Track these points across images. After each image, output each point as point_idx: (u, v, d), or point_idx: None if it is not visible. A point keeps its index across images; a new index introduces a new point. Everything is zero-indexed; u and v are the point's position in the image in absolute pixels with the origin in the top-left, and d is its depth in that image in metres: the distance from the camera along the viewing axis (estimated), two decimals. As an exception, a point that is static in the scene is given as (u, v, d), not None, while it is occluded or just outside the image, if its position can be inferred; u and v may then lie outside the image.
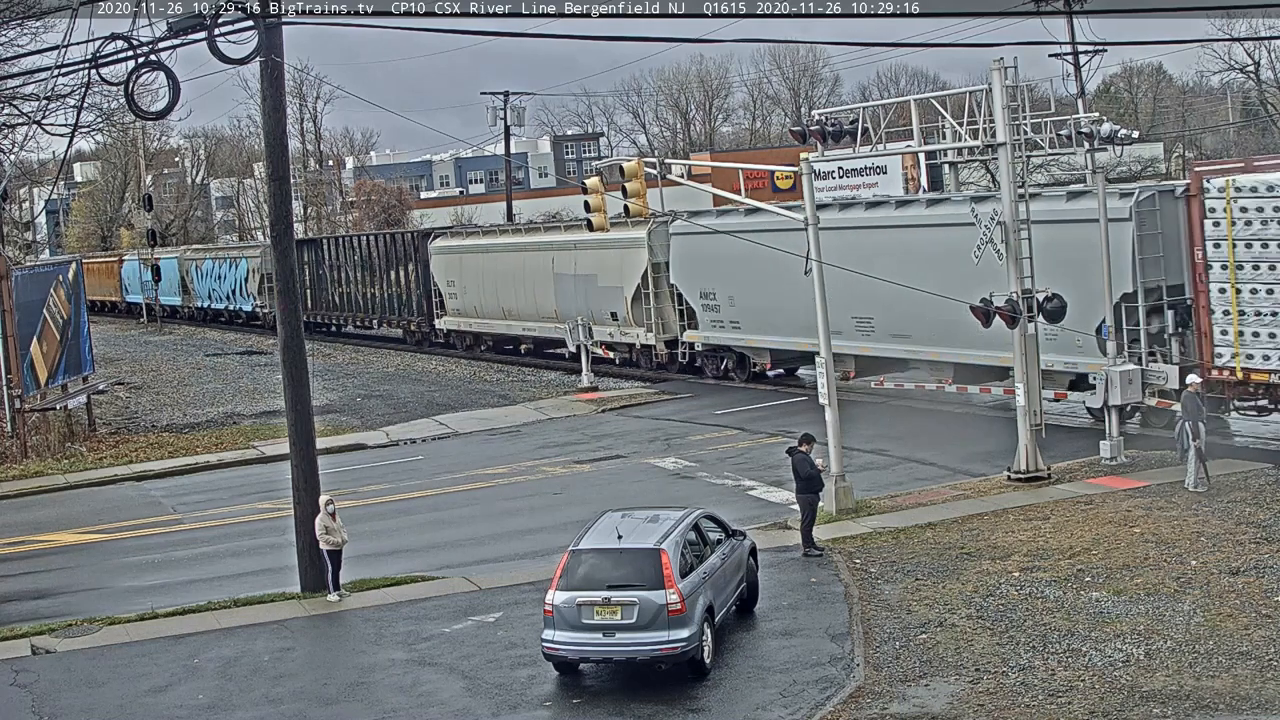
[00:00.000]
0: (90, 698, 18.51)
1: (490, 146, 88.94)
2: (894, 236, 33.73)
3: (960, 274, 28.25)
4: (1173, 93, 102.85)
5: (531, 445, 35.00)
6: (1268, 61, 76.75)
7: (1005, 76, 25.86)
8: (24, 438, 37.66)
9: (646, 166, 28.00)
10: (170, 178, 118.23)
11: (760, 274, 36.42)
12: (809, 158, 26.37)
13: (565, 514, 25.93)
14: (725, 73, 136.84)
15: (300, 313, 23.74)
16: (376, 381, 49.17)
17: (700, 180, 56.25)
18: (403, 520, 27.95)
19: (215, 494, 32.18)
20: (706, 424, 35.60)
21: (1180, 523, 22.23)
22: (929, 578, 20.54)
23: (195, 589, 23.60)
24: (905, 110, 28.99)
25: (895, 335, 34.06)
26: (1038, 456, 26.19)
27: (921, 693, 16.29)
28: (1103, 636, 17.49)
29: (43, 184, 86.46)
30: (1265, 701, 15.21)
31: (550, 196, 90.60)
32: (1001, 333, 26.54)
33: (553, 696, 17.27)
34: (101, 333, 71.91)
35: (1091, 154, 28.73)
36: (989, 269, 26.43)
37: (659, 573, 17.10)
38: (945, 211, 33.16)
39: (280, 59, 22.27)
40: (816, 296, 25.74)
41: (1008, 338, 26.45)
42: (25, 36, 38.60)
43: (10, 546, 28.37)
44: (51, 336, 40.68)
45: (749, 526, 22.59)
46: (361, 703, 17.56)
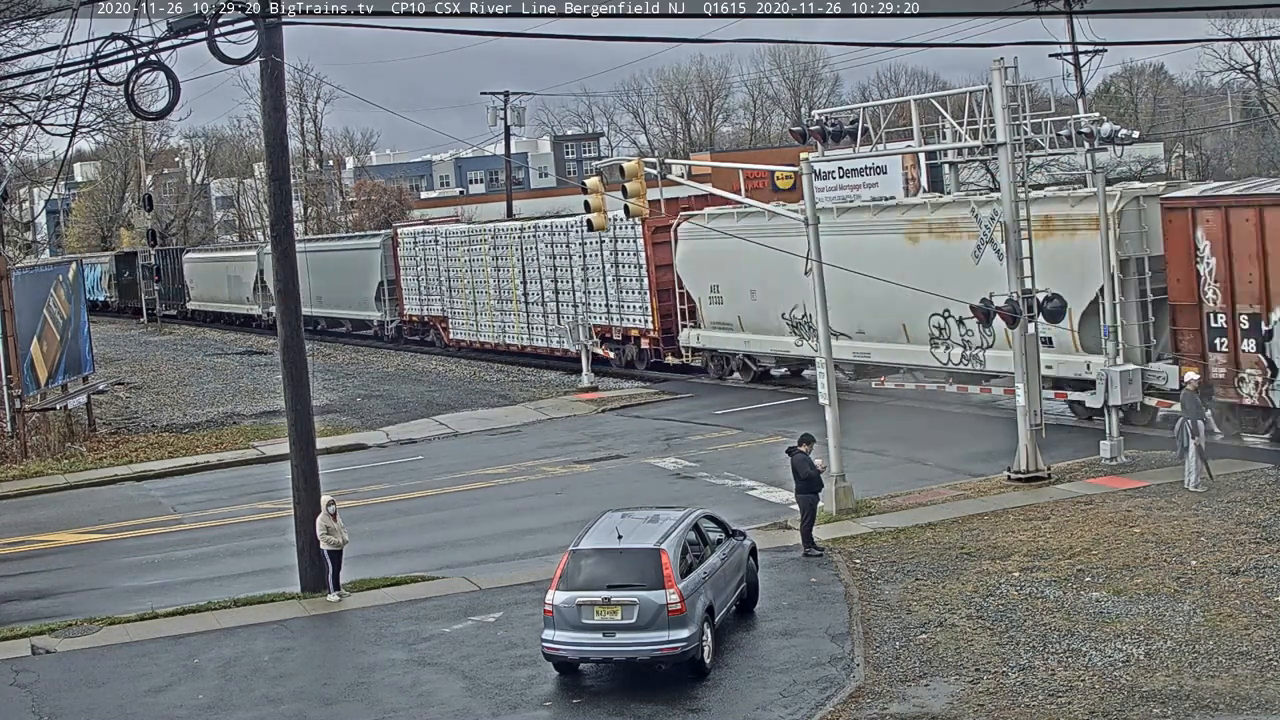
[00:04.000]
0: (90, 698, 18.52)
1: (490, 146, 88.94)
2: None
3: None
4: (1173, 93, 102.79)
5: (531, 445, 35.00)
6: (1268, 61, 76.73)
7: (1005, 76, 25.86)
8: (24, 438, 37.66)
9: (646, 166, 28.01)
10: (170, 178, 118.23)
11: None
12: (809, 158, 26.38)
13: (565, 514, 25.93)
14: (725, 73, 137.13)
15: (300, 313, 23.75)
16: (376, 381, 49.18)
17: (700, 180, 56.25)
18: (403, 520, 27.95)
19: (215, 494, 32.18)
20: (706, 424, 35.61)
21: (1180, 523, 22.23)
22: (929, 578, 20.54)
23: (195, 589, 23.60)
24: (905, 110, 28.99)
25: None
26: (1038, 456, 26.20)
27: (921, 693, 16.29)
28: (1103, 636, 17.49)
29: (43, 184, 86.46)
30: (1265, 701, 15.21)
31: (550, 196, 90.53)
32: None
33: (553, 696, 17.27)
34: (101, 333, 71.92)
35: (1091, 154, 28.76)
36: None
37: (659, 573, 17.10)
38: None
39: (280, 59, 22.28)
40: (816, 297, 25.75)
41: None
42: (25, 36, 38.61)
43: (10, 546, 28.38)
44: (51, 336, 40.69)
45: (749, 526, 22.59)
46: (361, 703, 17.56)
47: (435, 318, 56.15)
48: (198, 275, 79.13)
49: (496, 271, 51.01)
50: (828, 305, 25.72)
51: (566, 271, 46.64)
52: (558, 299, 47.26)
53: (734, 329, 40.08)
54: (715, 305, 40.55)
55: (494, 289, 51.32)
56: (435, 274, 55.34)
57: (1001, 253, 26.01)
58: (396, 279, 58.67)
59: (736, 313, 39.75)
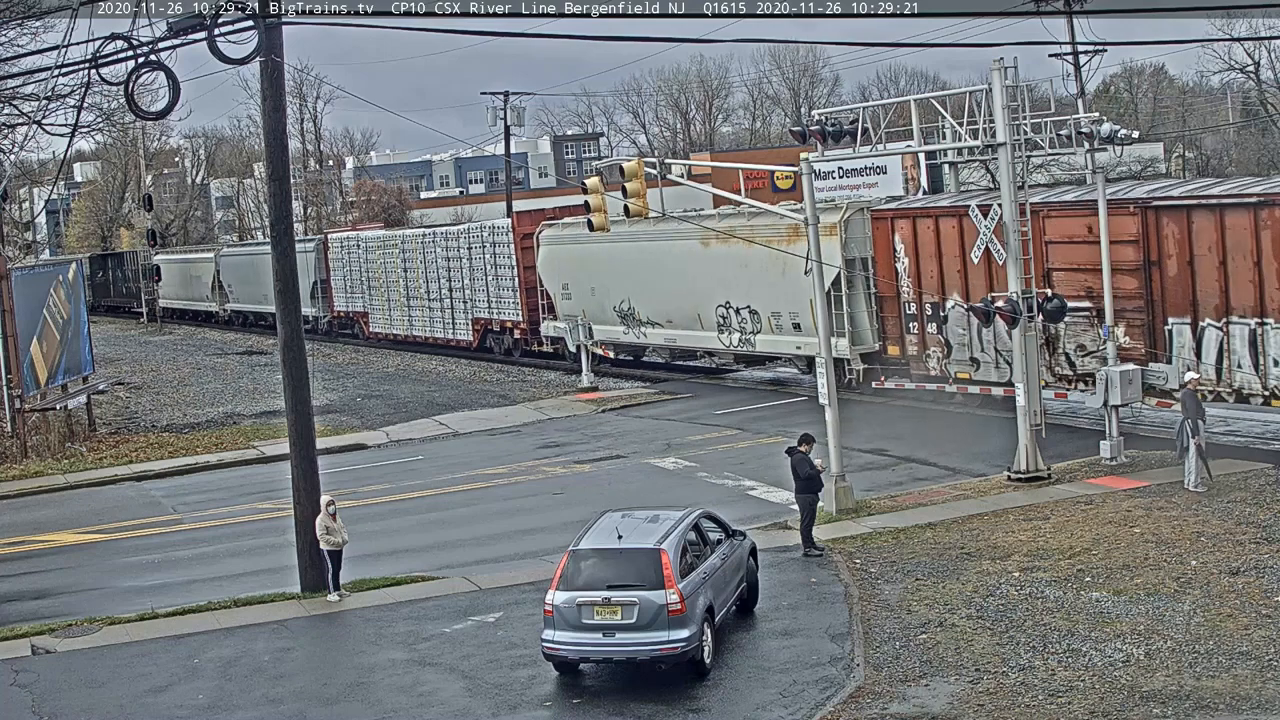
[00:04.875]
0: (90, 698, 18.51)
1: (490, 146, 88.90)
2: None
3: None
4: (1173, 93, 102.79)
5: (531, 445, 35.01)
6: (1268, 61, 76.67)
7: (1005, 76, 25.87)
8: (24, 438, 37.66)
9: (646, 166, 28.01)
10: (170, 178, 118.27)
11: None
12: (809, 158, 26.38)
13: (565, 514, 25.92)
14: (725, 73, 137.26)
15: (300, 313, 23.75)
16: (376, 381, 49.18)
17: (700, 180, 56.27)
18: (403, 520, 27.94)
19: (215, 494, 32.18)
20: (706, 424, 35.61)
21: (1180, 523, 22.23)
22: (929, 578, 20.54)
23: (195, 589, 23.60)
24: (905, 110, 29.00)
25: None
26: (1038, 456, 26.20)
27: (921, 693, 16.28)
28: (1103, 636, 17.49)
29: (43, 184, 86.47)
30: (1265, 701, 15.21)
31: (550, 196, 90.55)
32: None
33: (553, 696, 17.27)
34: (101, 333, 71.98)
35: (1091, 154, 28.78)
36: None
37: (659, 573, 17.09)
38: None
39: (280, 59, 22.27)
40: (816, 297, 25.76)
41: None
42: (25, 36, 38.60)
43: (10, 546, 28.37)
44: (51, 336, 40.68)
45: (749, 526, 22.59)
46: (361, 703, 17.56)
47: (358, 313, 62.07)
48: (166, 275, 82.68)
49: (405, 273, 57.24)
50: (647, 301, 30.97)
51: (458, 273, 52.74)
52: (451, 296, 53.69)
53: (580, 320, 44.59)
54: (566, 300, 46.00)
55: (403, 288, 57.50)
56: (358, 275, 61.31)
57: (998, 251, 26.04)
58: (327, 279, 64.19)
59: (582, 306, 44.96)
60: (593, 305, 44.71)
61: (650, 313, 42.40)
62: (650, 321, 42.56)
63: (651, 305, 42.28)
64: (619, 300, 43.69)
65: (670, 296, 41.18)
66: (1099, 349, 29.10)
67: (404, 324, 57.87)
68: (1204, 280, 27.59)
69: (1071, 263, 30.05)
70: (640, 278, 42.34)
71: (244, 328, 74.16)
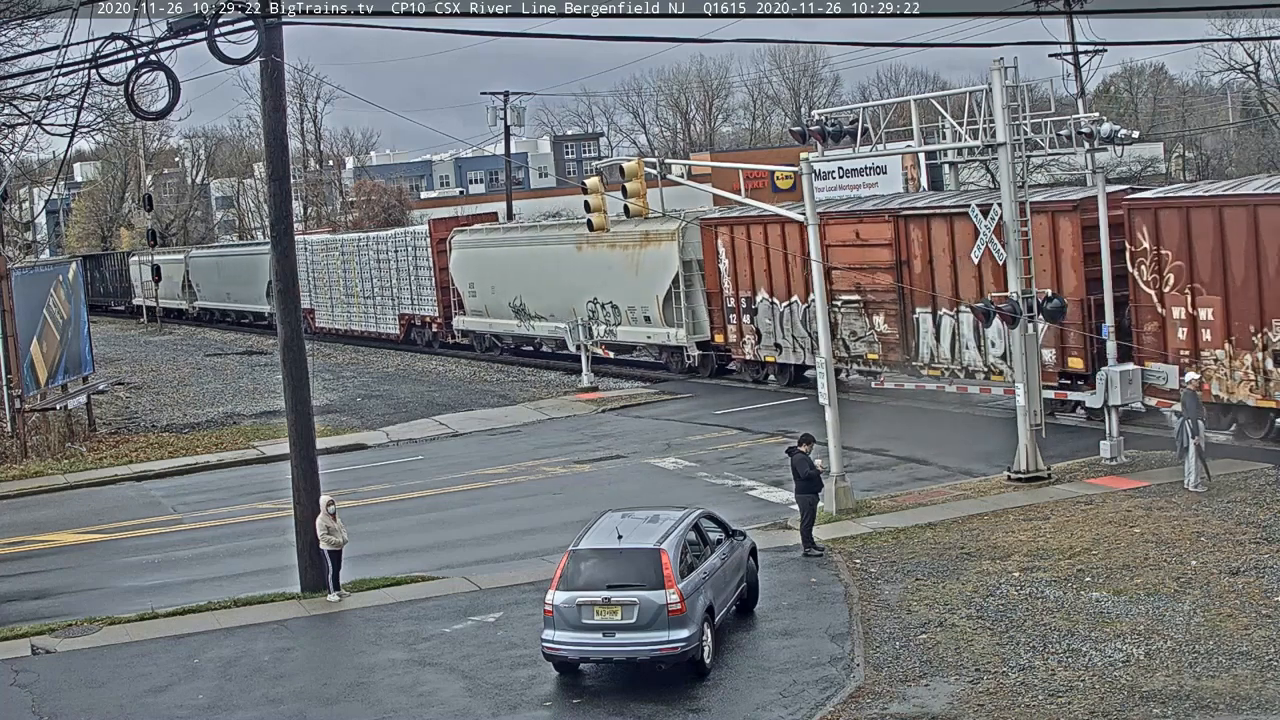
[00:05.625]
0: (90, 698, 18.51)
1: (490, 146, 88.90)
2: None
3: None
4: (1173, 93, 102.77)
5: (531, 445, 35.01)
6: (1268, 61, 76.67)
7: (1005, 76, 25.85)
8: (24, 438, 37.66)
9: (646, 166, 28.02)
10: (170, 178, 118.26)
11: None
12: (809, 158, 26.39)
13: (565, 514, 25.92)
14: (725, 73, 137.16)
15: (300, 312, 23.76)
16: (376, 381, 49.19)
17: (700, 180, 56.27)
18: (403, 520, 27.95)
19: (215, 494, 32.18)
20: (706, 424, 35.61)
21: (1180, 523, 22.23)
22: (929, 578, 20.54)
23: (195, 589, 23.60)
24: (905, 110, 28.98)
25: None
26: (1038, 456, 26.20)
27: (921, 693, 16.29)
28: (1103, 636, 17.49)
29: (43, 184, 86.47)
30: (1265, 701, 15.21)
31: (550, 196, 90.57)
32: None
33: (553, 696, 17.27)
34: (101, 333, 71.98)
35: (1091, 154, 28.73)
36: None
37: (659, 573, 17.09)
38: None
39: (280, 59, 22.27)
40: (816, 297, 25.76)
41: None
42: (25, 36, 38.60)
43: (10, 546, 28.37)
44: (51, 336, 40.68)
45: (749, 526, 22.59)
46: (361, 703, 17.56)
47: (307, 310, 64.81)
48: (142, 276, 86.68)
49: (344, 274, 62.63)
50: (535, 297, 39.65)
51: (388, 274, 58.37)
52: (382, 294, 59.47)
53: (483, 315, 51.86)
54: (472, 298, 52.18)
55: (343, 287, 62.81)
56: (306, 275, 63.43)
57: (999, 251, 26.07)
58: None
59: (484, 303, 51.47)
60: (493, 302, 50.88)
61: (538, 308, 48.34)
62: (538, 315, 48.53)
63: (539, 301, 48.31)
64: (513, 297, 49.51)
65: (553, 293, 47.07)
66: (864, 335, 35.36)
67: (344, 319, 63.11)
68: (940, 277, 33.13)
69: (844, 262, 35.52)
70: (529, 277, 48.29)
71: (210, 323, 79.95)
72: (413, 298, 56.77)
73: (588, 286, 45.02)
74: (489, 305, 51.20)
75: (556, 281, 46.61)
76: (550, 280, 46.87)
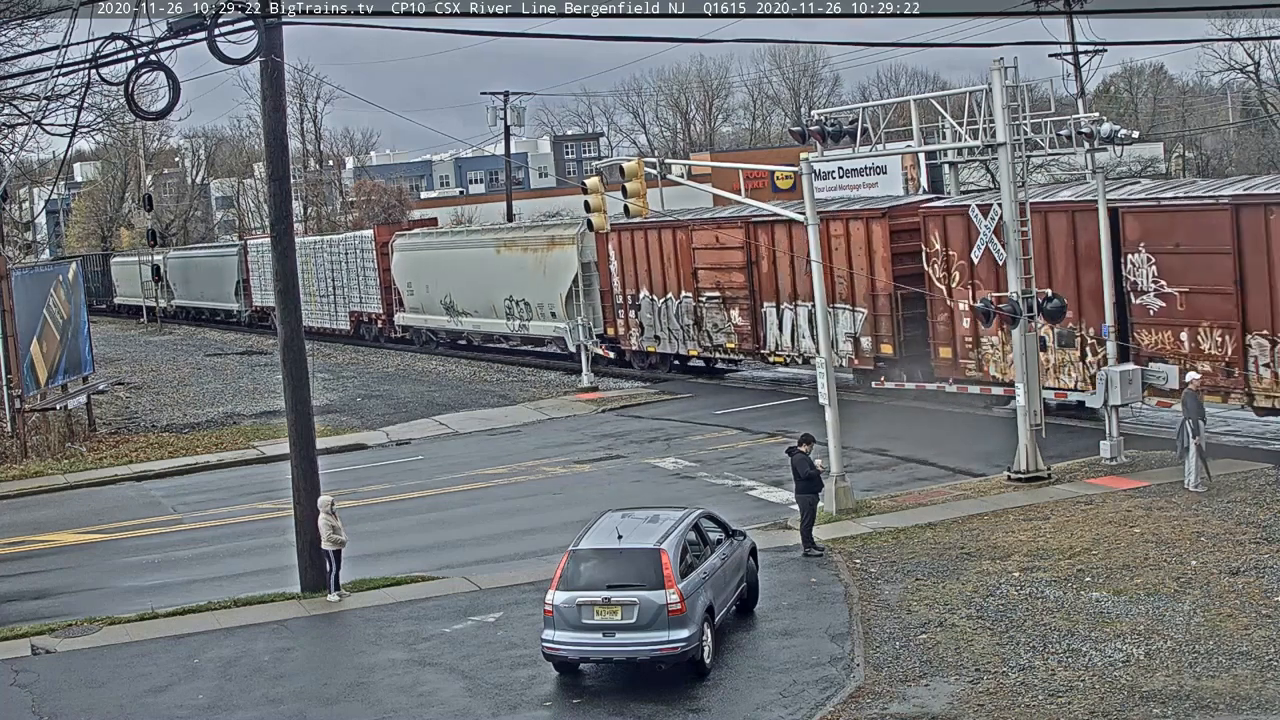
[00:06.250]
0: (90, 698, 18.51)
1: (490, 146, 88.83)
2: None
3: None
4: (1173, 93, 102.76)
5: (531, 445, 35.01)
6: (1268, 61, 76.68)
7: (1005, 76, 25.85)
8: (24, 438, 37.66)
9: (646, 166, 28.02)
10: (170, 178, 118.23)
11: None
12: (809, 158, 26.39)
13: (565, 514, 25.92)
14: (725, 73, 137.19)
15: (300, 312, 23.76)
16: (376, 381, 49.20)
17: (700, 180, 56.27)
18: (403, 520, 27.95)
19: (215, 494, 32.18)
20: (706, 424, 35.61)
21: (1180, 523, 22.23)
22: (929, 578, 20.53)
23: (195, 589, 23.60)
24: (905, 110, 28.98)
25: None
26: (1038, 456, 26.19)
27: (921, 693, 16.28)
28: (1103, 636, 17.49)
29: (43, 184, 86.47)
30: (1265, 701, 15.21)
31: (550, 196, 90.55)
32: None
33: (553, 696, 17.27)
34: (101, 333, 72.03)
35: (1091, 154, 28.77)
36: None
37: (659, 573, 17.09)
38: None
39: (280, 59, 22.26)
40: (816, 296, 25.76)
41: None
42: (25, 36, 38.59)
43: (10, 546, 28.38)
44: (51, 336, 40.68)
45: (749, 526, 22.59)
46: (361, 703, 17.56)
47: (270, 307, 66.54)
48: (121, 275, 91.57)
49: (303, 274, 63.34)
50: (462, 295, 45.37)
51: (340, 274, 63.15)
52: (335, 293, 64.31)
53: (420, 312, 56.23)
54: (410, 296, 56.66)
55: (301, 286, 62.94)
56: (270, 275, 64.31)
57: (1000, 250, 26.07)
58: (247, 279, 73.53)
59: (420, 301, 55.91)
60: (428, 300, 55.35)
61: (465, 305, 53.02)
62: (464, 312, 53.28)
63: (465, 299, 52.87)
64: (444, 295, 54.09)
65: (477, 291, 51.74)
66: (724, 327, 40.11)
67: (304, 316, 65.46)
68: (782, 277, 37.99)
69: (708, 263, 40.62)
70: (457, 277, 52.74)
71: (187, 319, 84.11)
72: (361, 296, 61.63)
73: (505, 286, 49.46)
74: (424, 303, 55.72)
75: (479, 281, 51.32)
76: (474, 280, 51.60)
